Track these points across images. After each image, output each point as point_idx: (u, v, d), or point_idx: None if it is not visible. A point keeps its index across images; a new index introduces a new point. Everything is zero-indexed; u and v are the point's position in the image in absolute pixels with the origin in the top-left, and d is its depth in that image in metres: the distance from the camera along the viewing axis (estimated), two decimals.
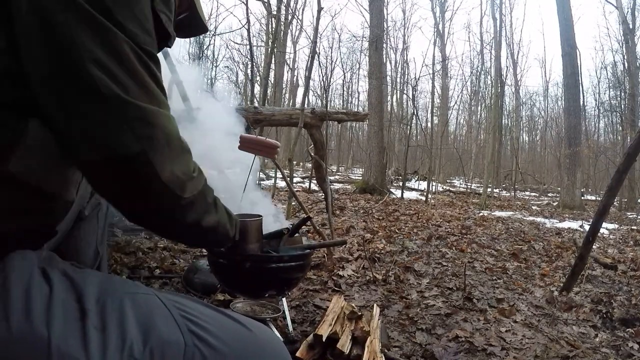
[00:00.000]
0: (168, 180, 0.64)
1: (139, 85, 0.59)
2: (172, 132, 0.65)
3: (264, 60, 17.15)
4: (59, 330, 0.53)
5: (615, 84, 18.33)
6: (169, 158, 0.63)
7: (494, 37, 14.09)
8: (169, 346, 0.58)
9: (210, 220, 0.80)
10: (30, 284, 0.57)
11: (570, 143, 10.59)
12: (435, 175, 12.82)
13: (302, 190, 8.92)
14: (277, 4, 11.71)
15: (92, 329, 0.55)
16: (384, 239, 4.07)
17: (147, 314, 0.61)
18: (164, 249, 2.82)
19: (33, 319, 0.53)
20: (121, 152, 0.58)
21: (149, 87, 0.61)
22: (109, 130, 0.57)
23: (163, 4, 0.68)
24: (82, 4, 0.54)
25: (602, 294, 2.72)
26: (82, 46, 0.54)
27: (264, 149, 1.64)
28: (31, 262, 0.61)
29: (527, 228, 5.88)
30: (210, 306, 0.70)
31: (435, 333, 1.93)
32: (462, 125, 29.45)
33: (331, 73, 23.98)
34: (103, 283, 0.63)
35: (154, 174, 0.61)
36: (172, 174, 0.64)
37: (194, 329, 0.62)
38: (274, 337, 0.74)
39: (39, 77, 0.56)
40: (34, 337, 0.52)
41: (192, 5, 0.87)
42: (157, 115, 0.62)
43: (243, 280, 1.51)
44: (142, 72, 0.60)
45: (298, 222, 1.65)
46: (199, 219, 0.76)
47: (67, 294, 0.59)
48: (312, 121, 3.79)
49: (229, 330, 0.66)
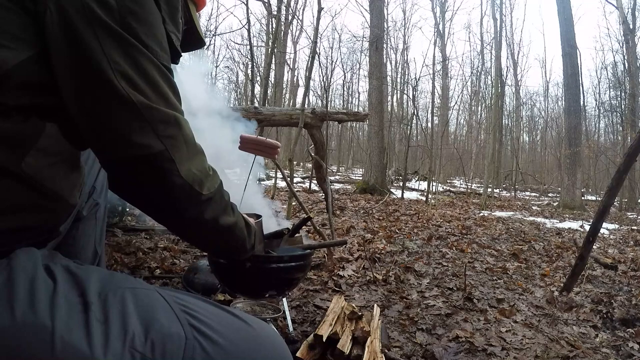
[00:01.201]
0: (187, 175, 0.69)
1: (159, 94, 0.67)
2: (189, 134, 0.72)
3: (264, 60, 17.16)
4: (63, 321, 0.55)
5: (615, 84, 18.32)
6: (187, 156, 0.70)
7: (494, 37, 14.08)
8: (170, 339, 0.60)
9: (228, 220, 0.83)
10: (34, 278, 0.58)
11: (570, 143, 10.59)
12: (435, 175, 12.81)
13: (302, 191, 8.92)
14: (277, 4, 11.71)
15: (94, 321, 0.57)
16: (384, 239, 4.07)
17: (148, 308, 0.62)
18: (164, 249, 2.82)
19: (37, 311, 0.54)
20: (146, 151, 0.65)
21: (168, 96, 0.69)
22: (134, 131, 0.64)
23: (172, 24, 0.74)
24: (110, 24, 0.61)
25: (603, 294, 2.71)
26: (110, 59, 0.61)
27: (264, 149, 1.64)
28: (35, 259, 0.62)
29: (528, 228, 5.88)
30: (210, 302, 0.71)
31: (436, 333, 1.93)
32: (463, 125, 29.48)
33: (331, 73, 24.02)
34: (105, 278, 0.65)
35: (175, 169, 0.67)
36: (190, 170, 0.70)
37: (194, 323, 0.63)
38: (273, 333, 0.75)
39: (70, 87, 0.62)
40: (38, 328, 0.53)
41: (191, 20, 0.91)
42: (176, 118, 0.69)
43: (243, 280, 1.51)
44: (161, 83, 0.67)
45: (298, 222, 1.65)
46: (217, 217, 0.79)
47: (71, 288, 0.60)
48: (313, 121, 3.79)
49: (229, 325, 0.67)
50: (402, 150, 14.96)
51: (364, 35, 20.28)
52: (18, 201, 0.62)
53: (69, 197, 0.71)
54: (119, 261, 2.40)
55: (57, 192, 0.67)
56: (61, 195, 0.68)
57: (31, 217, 0.65)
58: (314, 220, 2.66)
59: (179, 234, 0.93)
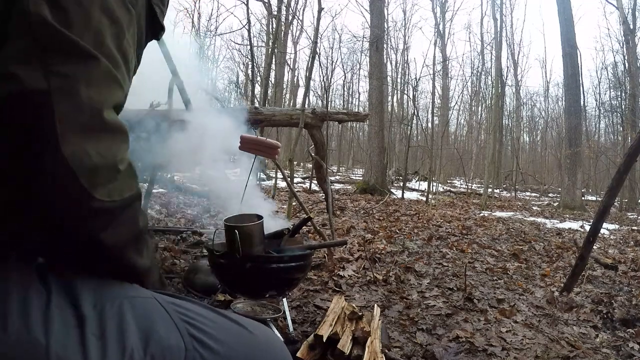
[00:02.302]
0: (73, 155, 0.46)
1: (84, 24, 0.48)
2: (104, 90, 0.50)
3: (264, 60, 17.17)
4: (58, 338, 0.52)
5: (615, 85, 18.33)
6: (86, 121, 0.48)
7: (495, 37, 14.07)
8: (169, 351, 0.58)
9: (138, 262, 0.63)
10: (28, 289, 0.55)
11: (570, 143, 10.59)
12: (435, 175, 12.82)
13: (302, 191, 8.92)
14: (277, 4, 11.73)
15: (90, 336, 0.54)
16: (384, 239, 4.06)
17: (146, 319, 0.60)
18: (164, 250, 2.82)
19: (31, 327, 0.52)
20: (26, 84, 0.44)
21: (99, 33, 0.50)
22: (15, 54, 0.45)
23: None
24: None
25: (603, 295, 2.71)
26: None
27: (265, 149, 1.65)
28: (29, 267, 0.59)
29: (528, 228, 5.88)
30: (210, 308, 0.69)
31: (436, 333, 1.93)
32: (463, 125, 29.45)
33: (332, 73, 24.03)
34: (101, 287, 0.62)
35: (54, 133, 0.45)
36: (82, 149, 0.47)
37: (194, 333, 0.61)
38: (275, 339, 0.74)
39: None
40: (32, 345, 0.51)
41: None
42: (91, 57, 0.49)
43: (243, 280, 1.52)
44: (99, 16, 0.50)
45: (299, 222, 1.65)
46: (122, 248, 0.59)
47: (65, 300, 0.57)
48: (313, 121, 3.78)
49: (230, 333, 0.65)
50: (403, 150, 14.96)
51: (364, 36, 20.28)
52: (9, 203, 0.52)
53: None
54: None
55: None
56: None
57: (22, 219, 0.56)
58: (314, 220, 2.66)
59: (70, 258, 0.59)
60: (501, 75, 12.74)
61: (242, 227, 1.46)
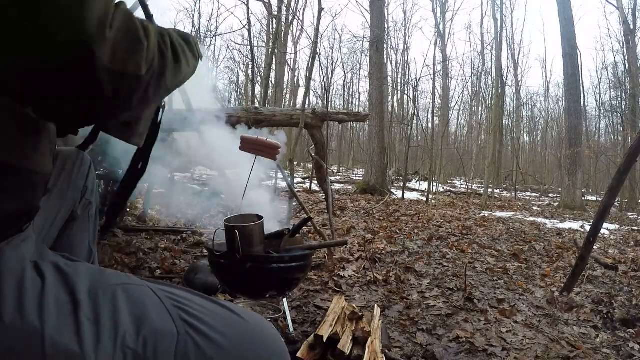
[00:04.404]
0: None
1: None
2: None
3: (264, 60, 17.16)
4: (52, 322, 0.54)
5: (616, 85, 18.33)
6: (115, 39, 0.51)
7: (495, 37, 14.05)
8: (161, 335, 0.59)
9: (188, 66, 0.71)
10: (22, 277, 0.57)
11: (571, 143, 10.59)
12: (436, 175, 12.81)
13: (303, 191, 8.92)
14: (277, 5, 11.73)
15: (85, 320, 0.56)
16: (384, 239, 4.06)
17: (139, 304, 0.61)
18: (164, 250, 2.82)
19: (26, 312, 0.53)
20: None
21: None
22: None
23: None
24: None
25: (603, 295, 2.71)
26: None
27: (265, 149, 1.65)
28: (23, 256, 0.60)
29: (528, 229, 5.87)
30: (203, 296, 0.70)
31: (436, 333, 1.93)
32: (463, 125, 29.43)
33: (332, 74, 23.99)
34: (95, 275, 0.63)
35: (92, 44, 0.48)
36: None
37: (186, 318, 0.62)
38: (268, 326, 0.74)
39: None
40: (27, 330, 0.52)
41: None
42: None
43: (244, 280, 1.52)
44: None
45: (299, 222, 1.65)
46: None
47: (60, 287, 0.59)
48: (313, 122, 3.79)
49: (222, 319, 0.66)
50: (403, 150, 14.95)
51: (364, 36, 20.28)
52: None
53: (34, 165, 0.59)
54: (120, 261, 2.41)
55: (15, 164, 0.56)
56: (21, 166, 0.57)
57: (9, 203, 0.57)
58: (314, 220, 2.66)
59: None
60: (501, 75, 12.72)
61: (243, 227, 1.46)
